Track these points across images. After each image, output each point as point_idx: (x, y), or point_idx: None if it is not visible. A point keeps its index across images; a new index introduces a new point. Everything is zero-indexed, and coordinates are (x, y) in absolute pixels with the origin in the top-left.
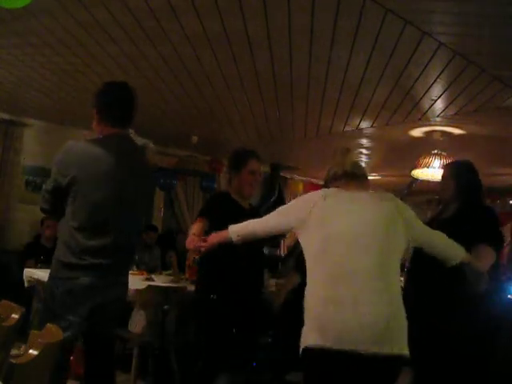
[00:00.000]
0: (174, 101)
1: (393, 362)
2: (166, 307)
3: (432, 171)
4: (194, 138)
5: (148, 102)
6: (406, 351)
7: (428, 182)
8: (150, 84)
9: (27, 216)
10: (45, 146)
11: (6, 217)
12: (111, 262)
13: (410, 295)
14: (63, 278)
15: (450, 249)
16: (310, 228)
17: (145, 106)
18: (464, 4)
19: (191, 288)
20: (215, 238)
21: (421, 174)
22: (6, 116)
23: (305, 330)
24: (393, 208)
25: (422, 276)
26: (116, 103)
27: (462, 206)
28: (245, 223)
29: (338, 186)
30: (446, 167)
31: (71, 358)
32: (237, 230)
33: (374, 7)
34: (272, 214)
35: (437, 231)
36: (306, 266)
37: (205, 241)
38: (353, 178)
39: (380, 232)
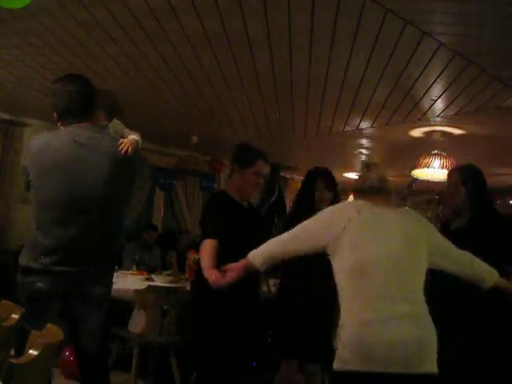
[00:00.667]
0: (173, 101)
1: (425, 381)
2: (165, 307)
3: (432, 171)
4: (194, 138)
5: (148, 102)
6: (436, 370)
7: (428, 182)
8: (150, 84)
9: (27, 216)
10: None
11: (6, 217)
12: (73, 266)
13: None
14: (22, 283)
15: (478, 270)
16: (344, 246)
17: (145, 106)
18: (464, 4)
19: None
20: (236, 271)
21: (421, 174)
22: (6, 116)
23: (341, 352)
24: (421, 229)
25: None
26: (54, 97)
27: (475, 214)
28: (264, 247)
29: (364, 199)
30: (453, 172)
31: (71, 358)
32: (260, 257)
33: (374, 7)
34: (295, 231)
35: (463, 251)
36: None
37: (224, 274)
38: (379, 192)
39: (413, 254)
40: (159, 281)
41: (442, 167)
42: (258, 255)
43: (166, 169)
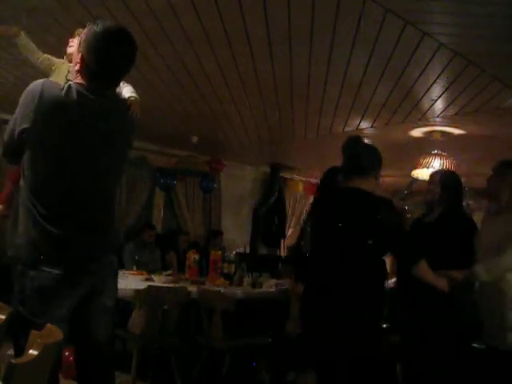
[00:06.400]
0: (174, 101)
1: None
2: (165, 307)
3: (432, 171)
4: (194, 138)
5: (148, 102)
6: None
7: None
8: (149, 84)
9: None
10: None
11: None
12: (82, 244)
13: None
14: (26, 273)
15: None
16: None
17: (145, 106)
18: (464, 4)
19: (191, 288)
20: None
21: (421, 174)
22: (6, 116)
23: None
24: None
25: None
26: (92, 46)
27: (445, 210)
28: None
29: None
30: (435, 175)
31: (71, 358)
32: None
33: (373, 7)
34: None
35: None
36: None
37: None
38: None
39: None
40: (159, 281)
41: (442, 167)
42: None
43: (166, 169)
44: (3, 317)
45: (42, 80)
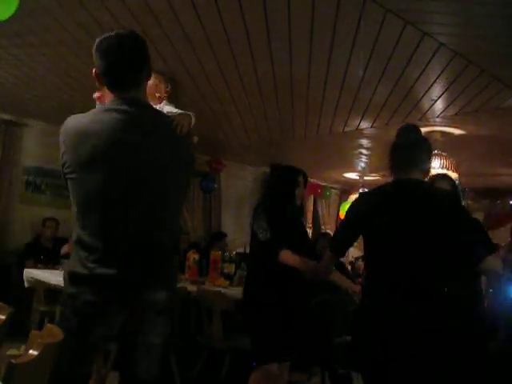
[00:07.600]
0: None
1: None
2: None
3: (432, 171)
4: (194, 138)
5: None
6: None
7: None
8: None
9: (27, 216)
10: (45, 147)
11: (6, 217)
12: (128, 270)
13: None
14: (67, 294)
15: None
16: None
17: None
18: (464, 4)
19: (191, 288)
20: None
21: None
22: (6, 116)
23: None
24: None
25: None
26: (97, 54)
27: None
28: None
29: None
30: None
31: None
32: None
33: (373, 7)
34: None
35: None
36: None
37: None
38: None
39: None
40: None
41: (442, 167)
42: None
43: None
44: (3, 317)
45: None
